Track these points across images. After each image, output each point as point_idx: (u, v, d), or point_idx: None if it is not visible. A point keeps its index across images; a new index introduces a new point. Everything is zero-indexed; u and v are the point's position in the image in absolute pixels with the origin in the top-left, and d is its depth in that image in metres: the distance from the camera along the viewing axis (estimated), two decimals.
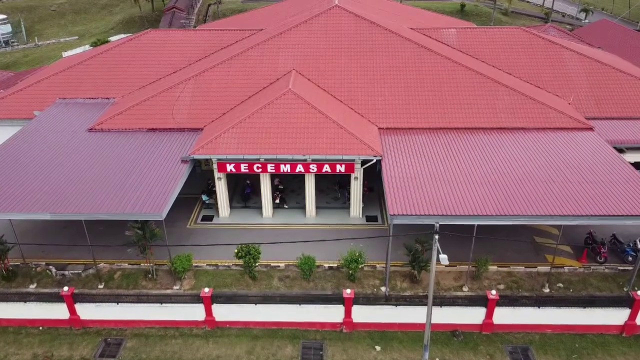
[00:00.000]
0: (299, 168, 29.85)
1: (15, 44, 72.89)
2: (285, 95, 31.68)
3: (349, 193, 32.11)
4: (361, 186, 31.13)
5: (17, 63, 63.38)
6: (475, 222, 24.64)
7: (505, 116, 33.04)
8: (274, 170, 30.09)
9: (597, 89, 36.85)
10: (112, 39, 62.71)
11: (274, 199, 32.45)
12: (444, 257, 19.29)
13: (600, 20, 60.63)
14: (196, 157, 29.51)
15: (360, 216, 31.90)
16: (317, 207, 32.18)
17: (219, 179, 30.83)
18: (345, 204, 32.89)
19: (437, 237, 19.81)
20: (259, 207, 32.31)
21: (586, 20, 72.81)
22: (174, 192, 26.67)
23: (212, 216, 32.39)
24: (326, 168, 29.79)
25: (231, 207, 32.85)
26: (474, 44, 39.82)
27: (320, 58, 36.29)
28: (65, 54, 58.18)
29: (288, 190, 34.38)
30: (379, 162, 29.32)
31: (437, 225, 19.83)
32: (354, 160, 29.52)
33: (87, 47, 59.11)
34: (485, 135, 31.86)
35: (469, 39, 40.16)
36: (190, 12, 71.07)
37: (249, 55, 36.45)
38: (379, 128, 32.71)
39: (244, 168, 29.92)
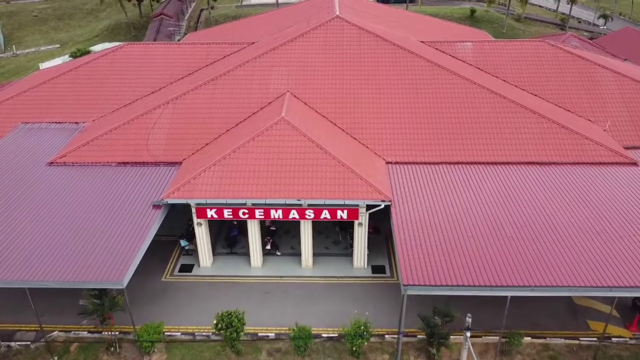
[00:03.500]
0: (293, 214, 25.21)
1: None
2: (278, 125, 27.02)
3: (351, 237, 27.45)
4: (366, 232, 26.44)
5: None
6: (509, 294, 20.00)
7: (534, 148, 28.37)
8: (263, 217, 25.43)
9: (636, 113, 32.10)
10: (95, 47, 58.16)
11: (264, 244, 27.80)
12: None
13: (623, 28, 55.89)
14: (170, 201, 24.84)
15: (365, 266, 27.21)
16: (314, 254, 27.49)
17: (199, 224, 26.18)
18: (347, 250, 28.22)
19: (469, 334, 15.13)
20: (247, 254, 27.64)
21: (604, 27, 68.05)
22: (140, 251, 22.01)
23: (192, 265, 27.71)
24: (325, 214, 25.12)
25: (215, 253, 28.23)
26: (492, 59, 35.12)
27: (318, 78, 31.64)
28: (42, 66, 53.53)
29: (281, 231, 29.71)
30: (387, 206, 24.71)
31: (469, 320, 15.15)
32: (358, 205, 24.85)
33: (67, 57, 54.46)
34: (512, 172, 27.15)
35: (487, 54, 35.45)
36: (180, 19, 66.31)
37: (237, 75, 31.81)
38: (387, 162, 28.04)
39: (227, 214, 25.29)
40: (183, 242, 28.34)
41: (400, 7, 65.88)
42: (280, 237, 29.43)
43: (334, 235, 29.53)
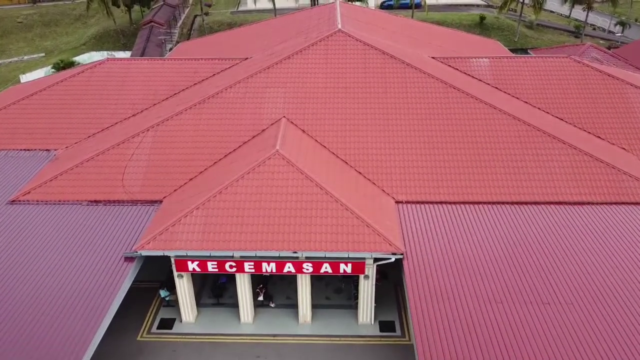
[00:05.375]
0: (289, 268, 21.62)
1: None
2: (271, 159, 23.45)
3: (356, 287, 23.91)
4: (373, 285, 22.84)
5: None
6: None
7: (566, 185, 24.76)
8: (253, 270, 21.84)
9: None
10: (81, 57, 54.67)
11: (256, 295, 24.22)
12: None
13: None
14: (144, 254, 21.25)
15: (372, 322, 23.59)
16: (313, 305, 23.88)
17: (180, 276, 22.61)
18: (352, 302, 24.61)
19: None
20: (236, 305, 23.99)
21: (621, 34, 64.37)
22: (104, 322, 18.42)
23: (174, 320, 24.11)
24: (326, 268, 21.53)
25: (199, 304, 24.63)
26: (513, 78, 31.55)
27: (318, 102, 28.08)
28: (23, 77, 49.95)
29: (276, 276, 26.09)
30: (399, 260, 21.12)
31: None
32: (364, 258, 21.24)
33: (50, 69, 50.91)
34: (542, 214, 23.51)
35: (506, 71, 31.90)
36: (172, 26, 62.66)
37: (227, 97, 28.29)
38: (396, 201, 24.43)
39: (212, 267, 21.72)
40: (163, 293, 24.73)
41: (405, 13, 62.23)
42: (275, 283, 25.88)
43: (335, 282, 25.95)
